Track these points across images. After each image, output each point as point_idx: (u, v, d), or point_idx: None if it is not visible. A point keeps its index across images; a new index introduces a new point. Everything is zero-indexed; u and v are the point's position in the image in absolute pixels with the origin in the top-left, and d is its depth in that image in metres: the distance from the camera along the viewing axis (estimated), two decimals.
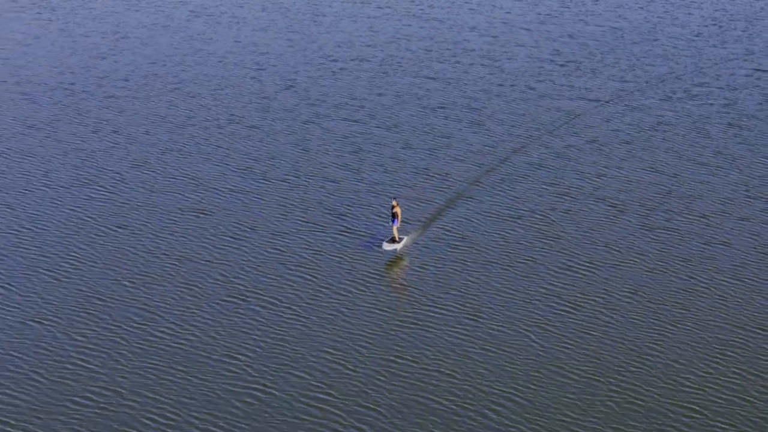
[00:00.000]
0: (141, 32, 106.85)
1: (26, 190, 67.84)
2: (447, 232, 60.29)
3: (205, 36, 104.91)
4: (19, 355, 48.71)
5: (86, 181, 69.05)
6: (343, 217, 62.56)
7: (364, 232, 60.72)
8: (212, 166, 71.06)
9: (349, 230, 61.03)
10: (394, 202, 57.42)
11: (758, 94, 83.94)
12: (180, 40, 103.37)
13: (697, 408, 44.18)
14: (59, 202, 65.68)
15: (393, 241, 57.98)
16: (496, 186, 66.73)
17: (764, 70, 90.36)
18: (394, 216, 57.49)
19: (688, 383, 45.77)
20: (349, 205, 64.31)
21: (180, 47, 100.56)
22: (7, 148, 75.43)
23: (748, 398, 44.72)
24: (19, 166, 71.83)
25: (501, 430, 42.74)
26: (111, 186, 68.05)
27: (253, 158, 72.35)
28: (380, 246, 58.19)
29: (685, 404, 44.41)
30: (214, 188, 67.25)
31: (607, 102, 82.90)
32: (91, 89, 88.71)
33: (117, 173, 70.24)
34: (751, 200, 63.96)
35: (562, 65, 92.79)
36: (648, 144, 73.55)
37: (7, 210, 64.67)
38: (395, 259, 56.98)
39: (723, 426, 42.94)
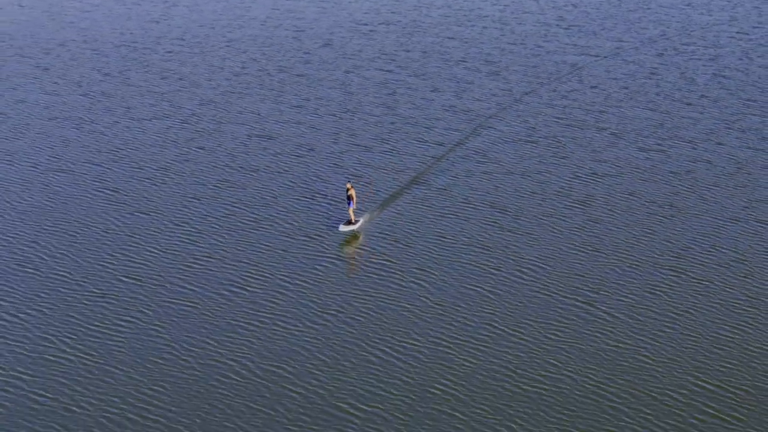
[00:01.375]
0: (187, 1, 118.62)
1: (114, 121, 79.75)
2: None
3: (245, 4, 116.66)
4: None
5: (163, 116, 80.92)
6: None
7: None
8: (270, 105, 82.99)
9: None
10: (348, 185, 59.70)
11: (739, 51, 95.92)
12: (222, 8, 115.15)
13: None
14: (142, 132, 77.59)
15: (350, 222, 60.05)
16: (502, 137, 78.64)
17: (745, 33, 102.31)
18: (349, 198, 59.46)
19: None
20: (395, 131, 76.21)
21: (224, 13, 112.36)
22: (91, 91, 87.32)
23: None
24: (102, 105, 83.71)
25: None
26: (183, 119, 79.96)
27: (304, 98, 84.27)
28: (337, 228, 60.22)
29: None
30: (275, 121, 79.16)
31: (605, 57, 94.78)
32: (152, 46, 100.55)
33: (188, 109, 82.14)
34: (729, 131, 75.89)
35: (566, 28, 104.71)
36: (642, 89, 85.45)
37: (99, 134, 76.59)
38: (351, 238, 58.91)
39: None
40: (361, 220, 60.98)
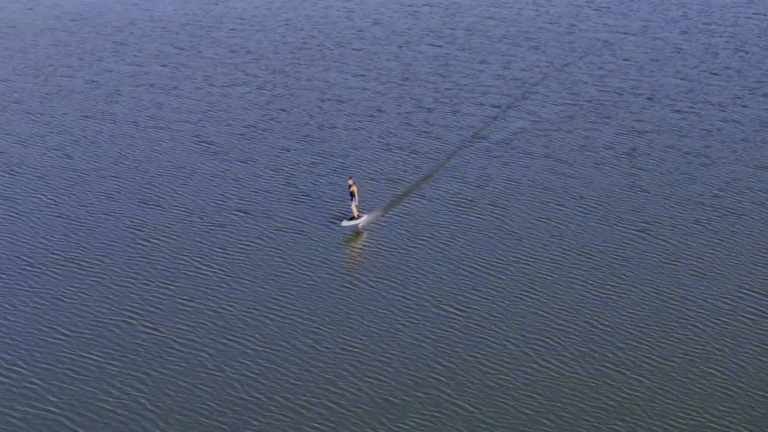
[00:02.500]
0: None
1: (197, 87, 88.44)
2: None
3: None
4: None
5: (240, 83, 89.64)
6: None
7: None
8: (335, 74, 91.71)
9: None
10: (350, 181, 60.82)
11: (757, 29, 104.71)
12: None
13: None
14: (225, 96, 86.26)
15: (353, 218, 61.15)
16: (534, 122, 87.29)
17: (762, 14, 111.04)
18: (351, 194, 60.73)
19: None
20: (448, 103, 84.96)
21: None
22: (169, 62, 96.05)
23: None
24: (182, 74, 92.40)
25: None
26: (259, 86, 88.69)
27: (364, 68, 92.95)
28: (340, 223, 61.47)
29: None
30: (343, 87, 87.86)
31: (634, 35, 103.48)
32: (215, 25, 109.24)
33: (261, 77, 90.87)
34: (753, 96, 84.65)
35: (595, 9, 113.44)
36: (670, 61, 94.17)
37: (186, 98, 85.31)
38: (354, 235, 60.37)
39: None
40: (365, 216, 61.82)
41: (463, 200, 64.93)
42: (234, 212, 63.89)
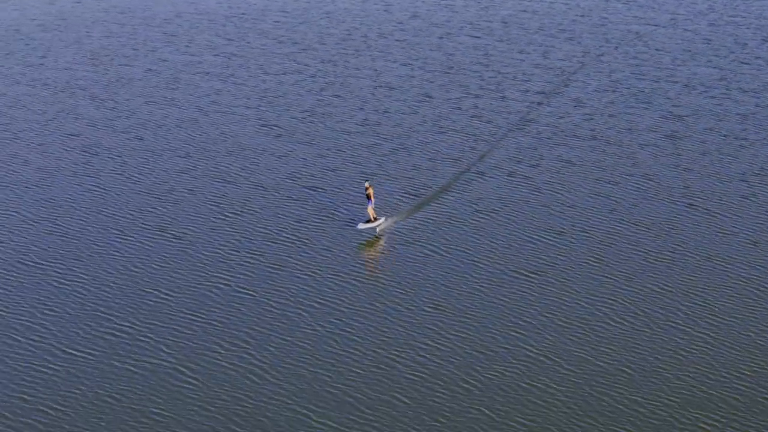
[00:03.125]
0: None
1: (251, 75, 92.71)
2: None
3: None
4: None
5: (292, 71, 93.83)
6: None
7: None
8: (382, 62, 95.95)
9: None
10: (366, 184, 61.14)
11: None
12: None
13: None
14: (280, 84, 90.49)
15: (369, 221, 61.23)
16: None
17: None
18: (368, 197, 60.88)
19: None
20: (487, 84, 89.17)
21: None
22: (221, 52, 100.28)
23: None
24: (236, 63, 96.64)
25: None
26: (311, 74, 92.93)
27: (409, 58, 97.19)
28: (356, 226, 61.74)
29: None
30: (391, 75, 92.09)
31: (664, 27, 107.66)
32: (259, 17, 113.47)
33: (312, 66, 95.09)
34: None
35: (624, 3, 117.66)
36: (701, 51, 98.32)
37: (242, 85, 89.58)
38: (372, 239, 60.74)
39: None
40: (383, 219, 61.95)
41: (520, 177, 69.10)
42: (303, 189, 68.05)
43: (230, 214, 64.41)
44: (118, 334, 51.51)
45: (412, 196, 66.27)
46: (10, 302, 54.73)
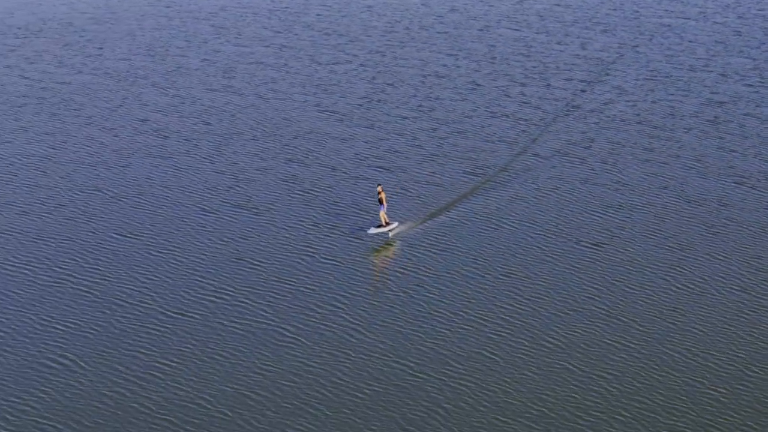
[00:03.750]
0: None
1: (305, 65, 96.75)
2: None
3: None
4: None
5: (343, 61, 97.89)
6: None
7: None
8: (428, 53, 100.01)
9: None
10: (379, 188, 61.39)
11: None
12: None
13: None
14: (332, 73, 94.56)
15: (381, 226, 61.43)
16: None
17: None
18: (380, 201, 60.98)
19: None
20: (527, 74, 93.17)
21: None
22: (271, 44, 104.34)
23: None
24: (288, 54, 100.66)
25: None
26: (361, 63, 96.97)
27: (453, 48, 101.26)
28: (367, 230, 61.51)
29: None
30: (438, 65, 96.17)
31: (694, 20, 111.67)
32: (302, 11, 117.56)
33: (361, 56, 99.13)
34: None
35: None
36: (733, 42, 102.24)
37: (297, 74, 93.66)
38: (384, 244, 61.07)
39: None
40: (396, 224, 61.98)
41: (574, 158, 73.14)
42: (373, 168, 72.09)
43: (302, 193, 68.39)
44: (216, 299, 55.52)
45: (473, 176, 70.24)
46: (111, 270, 58.74)
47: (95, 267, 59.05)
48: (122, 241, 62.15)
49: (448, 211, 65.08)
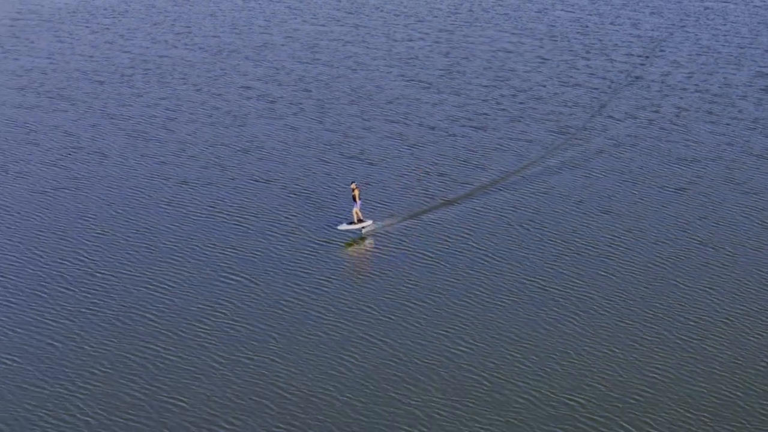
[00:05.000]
0: None
1: (382, 42, 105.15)
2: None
3: None
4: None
5: (417, 38, 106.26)
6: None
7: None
8: (494, 32, 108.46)
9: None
10: (352, 185, 62.06)
11: None
12: None
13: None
14: (409, 48, 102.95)
15: (353, 222, 61.92)
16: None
17: None
18: (354, 198, 61.70)
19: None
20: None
21: None
22: (345, 23, 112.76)
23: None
24: (363, 32, 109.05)
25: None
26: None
27: (516, 28, 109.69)
28: (338, 226, 62.35)
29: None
30: (505, 41, 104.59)
31: (735, 3, 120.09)
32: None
33: (429, 34, 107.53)
34: None
35: None
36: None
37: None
38: (356, 240, 61.92)
39: None
40: (370, 222, 62.62)
41: (642, 120, 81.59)
42: (468, 128, 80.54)
43: (409, 147, 76.78)
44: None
45: (556, 134, 78.61)
46: (249, 213, 67.08)
47: (236, 209, 67.34)
48: (258, 186, 70.40)
49: (546, 160, 73.31)
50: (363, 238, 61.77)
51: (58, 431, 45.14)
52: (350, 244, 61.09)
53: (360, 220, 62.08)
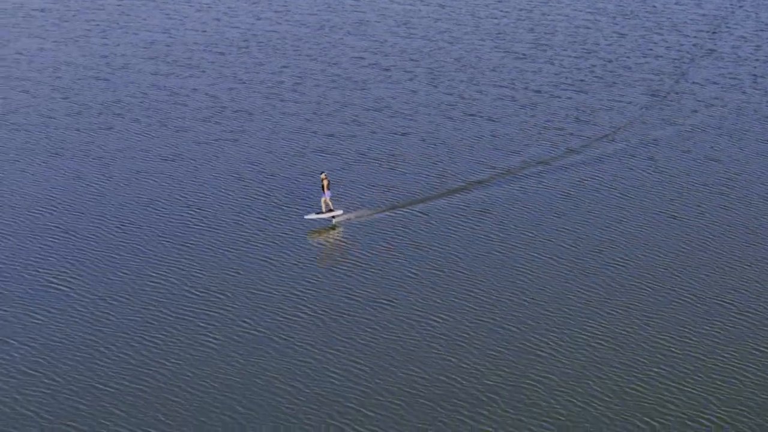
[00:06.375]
0: None
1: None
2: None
3: None
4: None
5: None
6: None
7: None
8: (570, 11, 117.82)
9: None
10: (322, 176, 63.17)
11: None
12: None
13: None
14: (488, 29, 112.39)
15: (321, 212, 63.08)
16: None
17: None
18: (323, 188, 62.86)
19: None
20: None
21: None
22: (430, 5, 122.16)
23: None
24: (448, 12, 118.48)
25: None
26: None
27: (591, 9, 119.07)
28: (305, 215, 63.59)
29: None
30: (573, 22, 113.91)
31: None
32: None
33: (503, 11, 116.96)
34: None
35: None
36: None
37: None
38: (325, 229, 63.73)
39: None
40: (340, 212, 63.70)
41: (724, 85, 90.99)
42: (572, 91, 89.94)
43: (522, 107, 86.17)
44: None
45: (651, 96, 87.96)
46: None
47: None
48: (397, 137, 79.81)
49: (331, 226, 67.32)
50: (334, 227, 63.34)
51: None
52: (320, 232, 62.67)
53: (330, 210, 63.30)
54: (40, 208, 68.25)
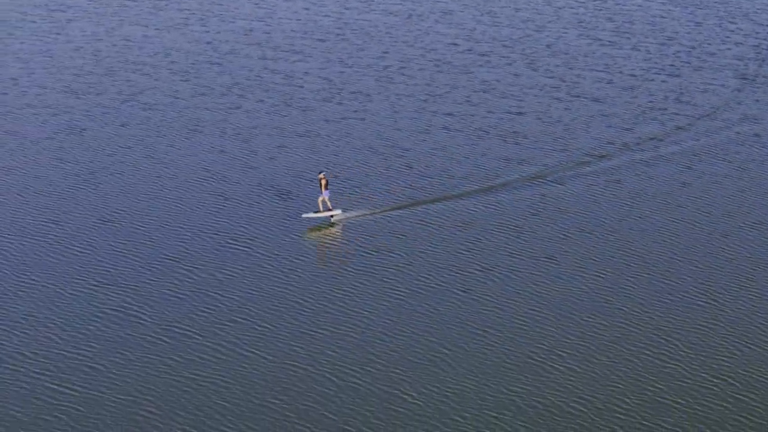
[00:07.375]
0: None
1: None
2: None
3: None
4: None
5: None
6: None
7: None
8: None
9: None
10: (320, 175, 63.51)
11: None
12: None
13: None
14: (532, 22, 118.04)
15: (318, 211, 63.41)
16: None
17: None
18: (321, 187, 63.38)
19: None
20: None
21: None
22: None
23: None
24: (523, 1, 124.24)
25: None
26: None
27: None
28: (302, 215, 64.08)
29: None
30: (625, 18, 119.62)
31: None
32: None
33: (548, 14, 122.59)
34: None
35: None
36: None
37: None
38: (322, 227, 64.62)
39: None
40: (339, 211, 64.02)
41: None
42: (665, 75, 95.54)
43: (623, 89, 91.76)
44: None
45: (739, 80, 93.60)
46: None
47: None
48: (512, 116, 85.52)
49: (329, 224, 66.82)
50: (332, 225, 64.21)
51: None
52: (317, 229, 63.62)
53: (329, 209, 63.74)
54: (199, 179, 73.96)
